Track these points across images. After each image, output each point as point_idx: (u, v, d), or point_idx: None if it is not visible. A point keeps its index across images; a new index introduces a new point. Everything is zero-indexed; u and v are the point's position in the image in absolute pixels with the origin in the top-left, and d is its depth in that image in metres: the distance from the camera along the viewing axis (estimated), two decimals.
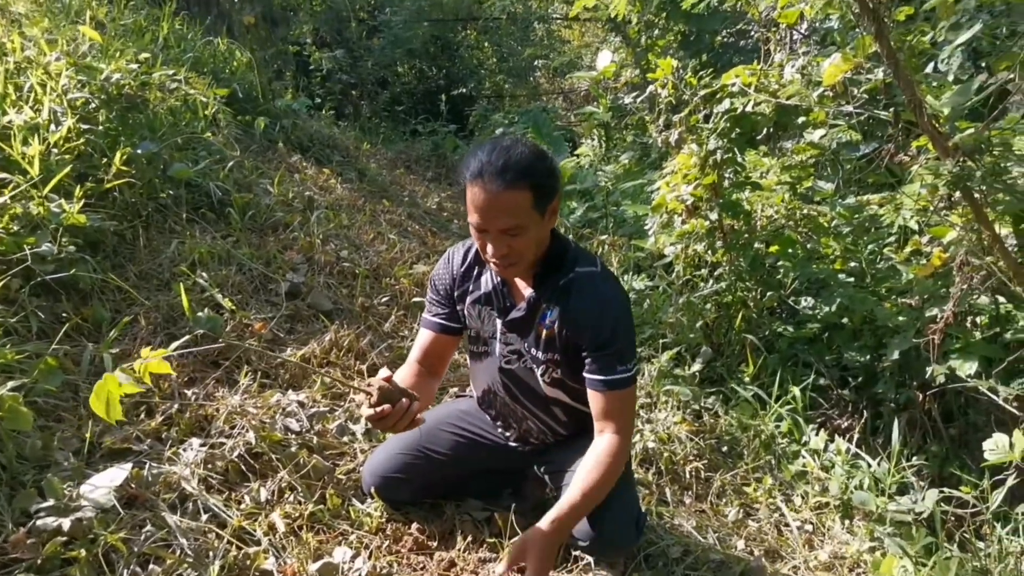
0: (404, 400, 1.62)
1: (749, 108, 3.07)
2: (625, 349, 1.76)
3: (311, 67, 8.38)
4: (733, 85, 3.10)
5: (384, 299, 3.29)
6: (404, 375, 1.87)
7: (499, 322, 1.89)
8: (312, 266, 3.24)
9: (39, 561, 1.48)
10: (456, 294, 1.93)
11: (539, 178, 1.63)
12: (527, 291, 1.83)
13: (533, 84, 11.25)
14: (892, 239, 3.43)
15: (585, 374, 1.79)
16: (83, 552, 1.50)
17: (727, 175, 3.27)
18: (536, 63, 10.95)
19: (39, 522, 1.53)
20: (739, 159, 3.22)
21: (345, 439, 2.27)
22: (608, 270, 1.86)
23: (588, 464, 1.75)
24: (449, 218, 5.62)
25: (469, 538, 1.96)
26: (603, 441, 1.77)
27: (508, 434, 2.07)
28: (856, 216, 3.43)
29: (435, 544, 1.96)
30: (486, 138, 8.10)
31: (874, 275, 3.33)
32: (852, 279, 3.31)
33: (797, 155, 3.54)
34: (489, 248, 1.69)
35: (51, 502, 1.58)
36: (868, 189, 3.91)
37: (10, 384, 1.74)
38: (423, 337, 1.97)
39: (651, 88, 3.62)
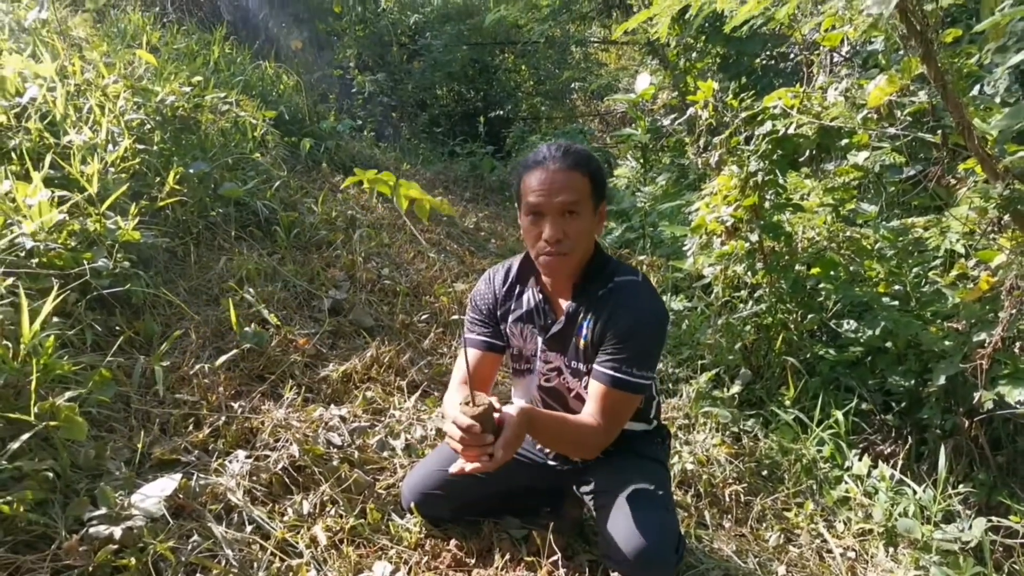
0: (490, 435, 1.58)
1: (791, 130, 3.06)
2: (643, 357, 1.73)
3: (353, 90, 8.58)
4: (775, 107, 3.09)
5: (424, 316, 3.33)
6: (452, 400, 1.83)
7: (540, 340, 1.91)
8: (354, 283, 3.30)
9: (91, 568, 1.52)
10: (499, 313, 1.95)
11: (595, 170, 1.72)
12: (566, 304, 1.85)
13: (570, 106, 11.33)
14: (938, 262, 3.37)
15: (595, 364, 1.77)
16: (133, 560, 1.54)
17: (768, 196, 3.25)
18: (573, 85, 11.04)
19: (92, 530, 1.58)
20: (780, 180, 3.20)
21: (385, 454, 2.29)
22: (649, 282, 1.85)
23: (573, 417, 1.76)
24: (487, 238, 5.67)
25: (507, 556, 1.96)
26: (586, 420, 1.75)
27: (548, 452, 2.08)
28: (900, 239, 3.38)
29: (473, 561, 1.96)
30: (522, 157, 8.19)
31: (919, 299, 3.26)
32: (896, 302, 3.25)
33: (840, 177, 3.51)
34: (546, 231, 1.69)
35: (103, 510, 1.63)
36: (912, 212, 3.85)
37: (67, 395, 1.80)
38: (470, 359, 1.92)
39: (691, 110, 3.63)
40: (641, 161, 5.95)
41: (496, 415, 1.58)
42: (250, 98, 4.63)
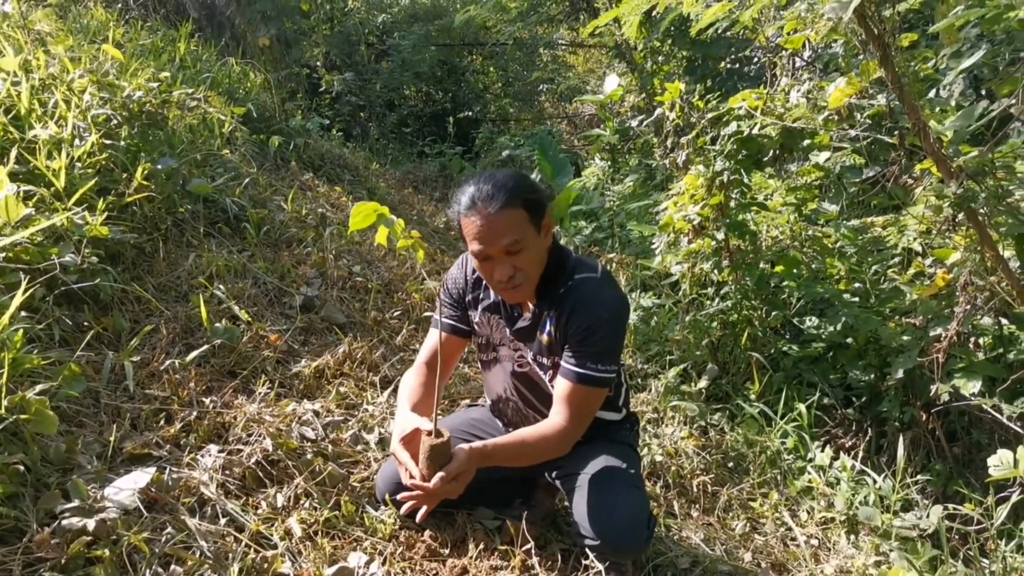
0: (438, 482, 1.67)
1: (755, 131, 3.14)
2: (605, 352, 1.78)
3: (321, 89, 8.52)
4: (740, 108, 3.17)
5: (396, 313, 3.34)
6: (413, 381, 1.94)
7: (507, 330, 1.96)
8: (325, 280, 3.30)
9: (63, 560, 1.51)
10: (468, 299, 2.00)
11: (528, 194, 1.72)
12: (531, 304, 1.90)
13: (538, 108, 11.39)
14: (896, 260, 3.49)
15: (561, 361, 1.83)
16: (107, 552, 1.54)
17: (733, 196, 3.33)
18: (541, 87, 11.10)
19: (64, 522, 1.57)
20: (745, 180, 3.29)
21: (359, 448, 2.30)
22: (609, 275, 1.90)
23: (532, 429, 1.82)
24: (457, 237, 5.69)
25: (481, 546, 1.98)
26: (549, 423, 1.81)
27: None
28: (860, 237, 3.49)
29: (447, 551, 1.98)
30: (492, 159, 8.21)
31: (878, 295, 3.37)
32: (856, 299, 3.35)
33: (802, 177, 3.60)
34: (496, 273, 1.76)
35: (76, 503, 1.62)
36: (872, 211, 3.98)
37: (36, 388, 1.78)
38: (432, 337, 2.02)
39: (659, 111, 3.70)
40: (609, 161, 6.02)
41: (441, 443, 1.68)
42: (218, 95, 4.58)
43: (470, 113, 9.87)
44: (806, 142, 3.32)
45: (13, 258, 2.15)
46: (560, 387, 1.82)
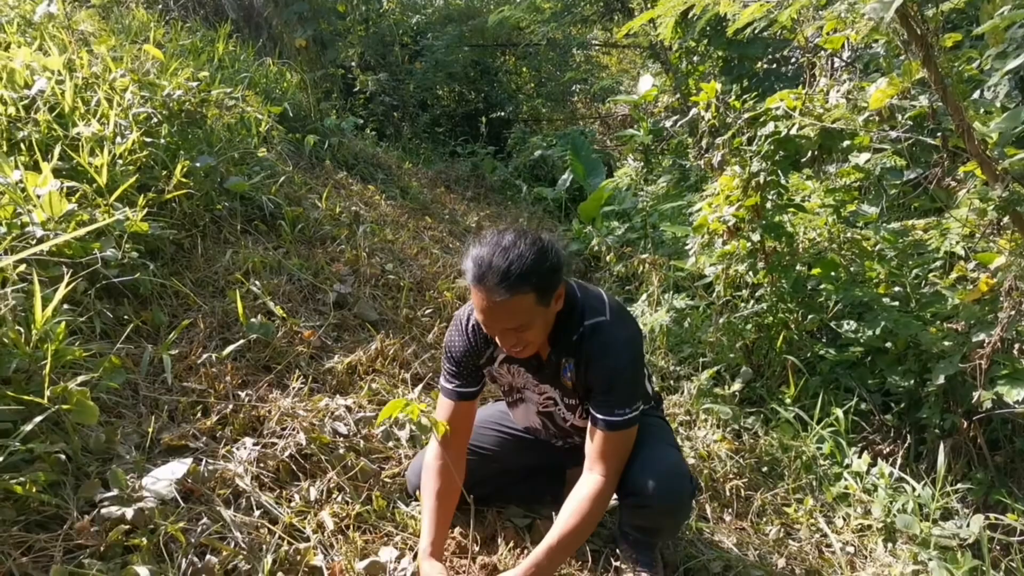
0: None
1: (793, 131, 3.09)
2: (625, 397, 1.76)
3: (356, 89, 8.60)
4: (777, 108, 3.12)
5: (427, 311, 3.35)
6: (432, 483, 1.86)
7: (530, 376, 1.94)
8: (358, 278, 3.32)
9: (102, 548, 1.54)
10: (482, 361, 1.93)
11: (541, 279, 1.62)
12: (546, 349, 1.86)
13: (571, 108, 11.35)
14: (937, 264, 3.40)
15: (589, 408, 1.81)
16: (144, 541, 1.56)
17: (770, 197, 3.28)
18: (574, 88, 11.07)
19: (103, 511, 1.60)
20: (782, 181, 3.23)
21: (391, 444, 2.31)
22: (617, 310, 1.84)
23: (569, 509, 1.75)
24: None
25: (511, 543, 1.98)
26: (588, 485, 1.77)
27: (542, 431, 2.11)
28: (901, 240, 3.41)
29: (477, 548, 1.99)
30: (525, 159, 8.21)
31: (919, 300, 3.30)
32: (896, 303, 3.28)
33: (841, 178, 3.54)
34: (500, 342, 1.75)
35: (115, 492, 1.65)
36: (913, 214, 3.89)
37: (78, 379, 1.82)
38: (445, 408, 1.93)
39: (694, 111, 3.66)
40: (643, 162, 5.98)
41: None
42: (255, 94, 4.65)
43: (503, 113, 9.88)
44: (845, 143, 3.25)
45: (56, 252, 2.20)
46: (593, 439, 1.79)
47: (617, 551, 2.02)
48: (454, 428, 1.92)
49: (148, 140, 2.92)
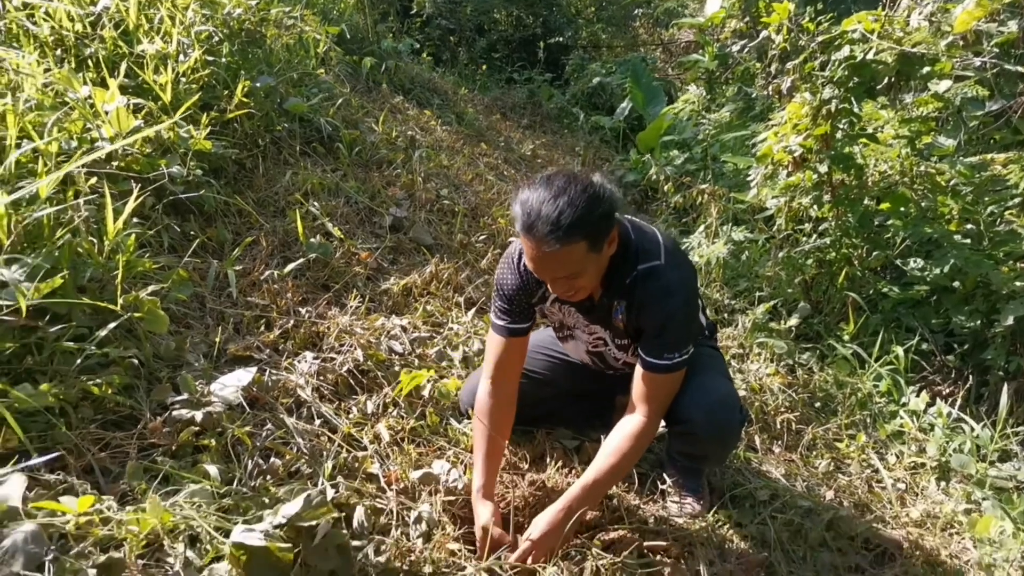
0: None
1: (870, 56, 2.93)
2: (676, 342, 1.72)
3: (412, 12, 8.44)
4: (854, 31, 2.95)
5: (482, 237, 3.36)
6: (484, 424, 1.84)
7: (580, 316, 1.92)
8: (414, 202, 3.34)
9: (174, 447, 1.63)
10: (534, 300, 1.89)
11: (592, 227, 1.55)
12: (598, 291, 1.82)
13: (632, 34, 10.94)
14: (1016, 202, 3.23)
15: (638, 350, 1.79)
16: (213, 442, 1.65)
17: (840, 126, 3.13)
18: (636, 12, 10.63)
19: (174, 413, 1.68)
20: (855, 110, 3.08)
21: (444, 364, 2.36)
22: (672, 251, 1.77)
23: (609, 448, 1.74)
24: (543, 165, 5.63)
25: (559, 463, 2.03)
26: (630, 423, 1.76)
27: (597, 360, 2.12)
28: (977, 175, 3.24)
29: (526, 467, 2.04)
30: (583, 87, 8.00)
31: (992, 238, 3.15)
32: (968, 241, 3.15)
33: (918, 108, 3.35)
34: (552, 288, 1.71)
35: (185, 396, 1.74)
36: (992, 147, 3.68)
37: (149, 289, 1.90)
38: (496, 345, 1.90)
39: (763, 35, 3.49)
40: (706, 89, 5.77)
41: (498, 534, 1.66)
42: (313, 15, 4.61)
43: (561, 39, 9.58)
44: (925, 70, 3.07)
45: (125, 167, 2.26)
46: (640, 379, 1.77)
47: (664, 475, 2.05)
48: (506, 364, 1.90)
49: (210, 59, 2.94)
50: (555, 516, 1.67)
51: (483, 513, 1.71)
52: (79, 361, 1.65)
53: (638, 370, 1.78)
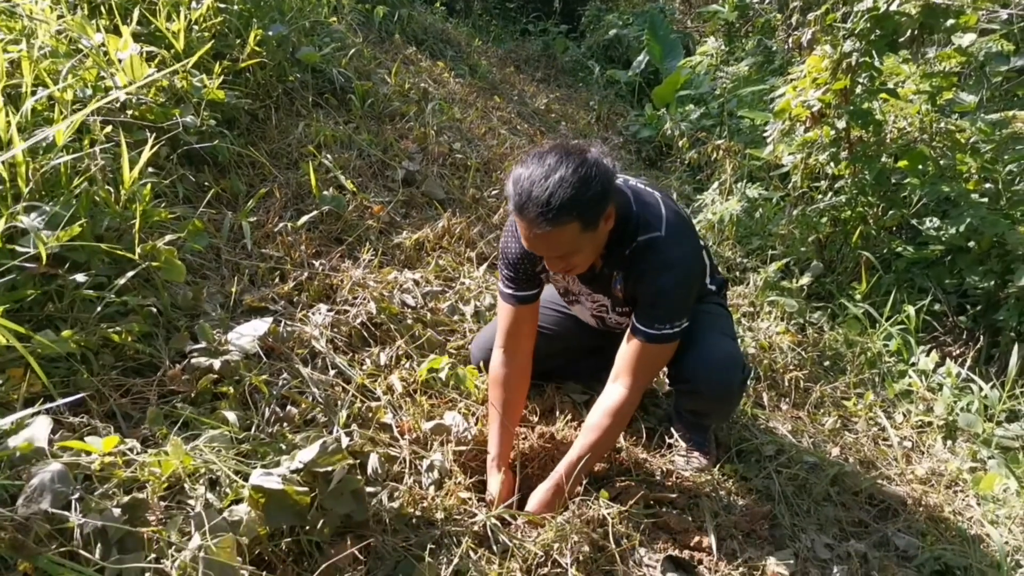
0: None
1: (893, 7, 2.86)
2: (668, 314, 1.71)
3: None
4: None
5: (494, 192, 3.35)
6: (498, 390, 1.86)
7: (583, 285, 1.92)
8: (426, 156, 3.33)
9: (193, 394, 1.67)
10: (538, 268, 1.87)
11: (585, 208, 1.52)
12: (599, 261, 1.81)
13: None
14: None
15: (632, 318, 1.77)
16: (231, 389, 1.69)
17: (861, 80, 3.08)
18: None
19: (193, 361, 1.72)
20: (876, 63, 3.02)
21: (456, 318, 2.39)
22: (673, 228, 1.73)
23: (590, 424, 1.76)
24: (557, 120, 5.57)
25: (568, 416, 2.06)
26: (610, 398, 1.76)
27: (605, 318, 2.13)
28: (998, 132, 3.18)
29: (536, 419, 2.07)
30: (599, 39, 7.85)
31: (1010, 198, 3.12)
32: (985, 200, 3.10)
33: (940, 63, 3.28)
34: (548, 266, 1.71)
35: (203, 345, 1.77)
36: (1015, 104, 3.61)
37: (166, 238, 1.92)
38: (506, 313, 1.89)
39: None
40: (725, 42, 5.65)
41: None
42: None
43: None
44: (950, 22, 3.00)
45: (139, 116, 2.26)
46: (627, 347, 1.76)
47: (672, 430, 2.08)
48: (517, 331, 1.90)
49: (222, 6, 2.91)
50: (545, 495, 1.71)
51: (494, 484, 1.75)
52: (99, 309, 1.68)
53: (628, 335, 1.77)
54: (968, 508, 2.16)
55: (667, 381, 2.07)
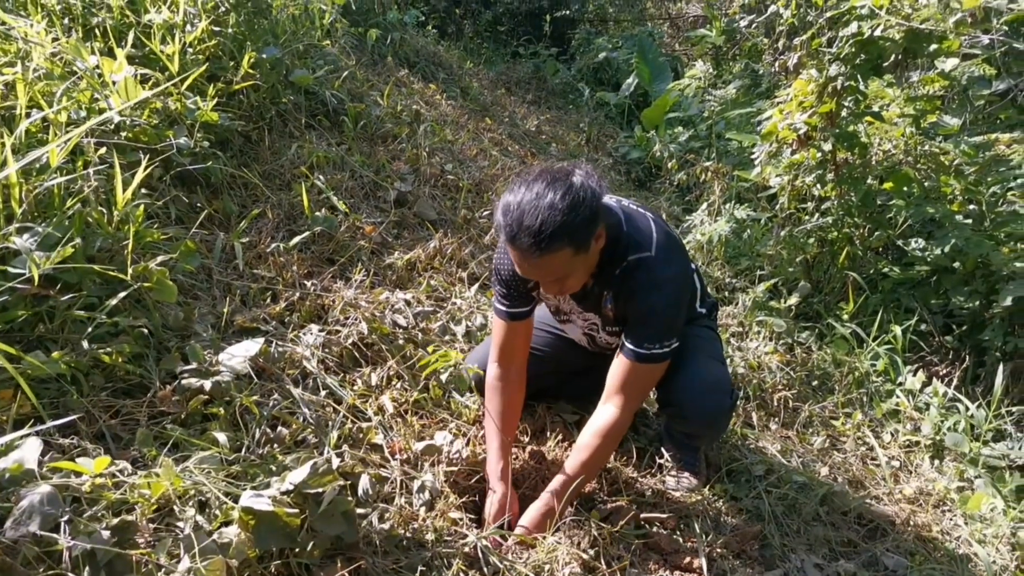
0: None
1: (878, 32, 2.92)
2: (657, 335, 1.72)
3: None
4: (863, 7, 2.93)
5: (485, 213, 3.37)
6: (496, 401, 1.89)
7: (575, 303, 1.94)
8: (418, 177, 3.35)
9: (183, 415, 1.67)
10: (530, 285, 1.89)
11: (575, 233, 1.53)
12: (590, 281, 1.82)
13: (639, 8, 10.83)
14: (1019, 182, 3.24)
15: (622, 338, 1.78)
16: (221, 410, 1.69)
17: (846, 104, 3.13)
18: None
19: (183, 382, 1.72)
20: (861, 87, 3.07)
21: (447, 338, 2.40)
22: (663, 249, 1.75)
23: (581, 444, 1.77)
24: (548, 141, 5.62)
25: (559, 436, 2.07)
26: (602, 418, 1.77)
27: (596, 339, 2.15)
28: (981, 155, 3.24)
29: (527, 439, 2.08)
30: (588, 61, 7.94)
31: (994, 219, 3.16)
32: (969, 221, 3.15)
33: (924, 86, 3.34)
34: (542, 288, 1.76)
35: (193, 366, 1.77)
36: (998, 127, 3.68)
37: (157, 259, 1.92)
38: (500, 329, 1.92)
39: (772, 8, 3.47)
40: (713, 65, 5.73)
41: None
42: None
43: (567, 12, 9.49)
44: (933, 47, 3.06)
45: (133, 138, 2.27)
46: (618, 366, 1.77)
47: (662, 450, 2.09)
48: (510, 347, 1.92)
49: (216, 29, 2.93)
50: (536, 516, 1.72)
51: (496, 497, 1.76)
52: (90, 330, 1.68)
53: (618, 355, 1.78)
54: (956, 527, 2.18)
55: (656, 404, 2.08)
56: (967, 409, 2.64)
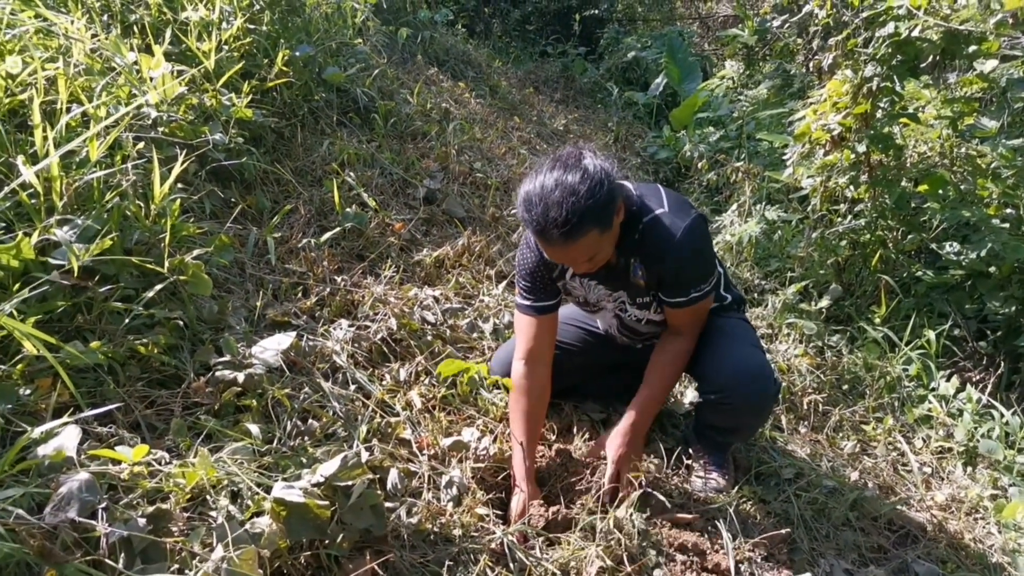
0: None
1: (915, 33, 2.87)
2: (701, 275, 1.82)
3: None
4: (900, 7, 2.88)
5: (514, 211, 3.37)
6: (521, 403, 1.89)
7: (602, 287, 1.94)
8: (447, 174, 3.36)
9: (217, 407, 1.70)
10: (555, 275, 1.92)
11: (599, 213, 1.59)
12: (613, 255, 1.83)
13: (669, 8, 10.75)
14: None
15: (661, 295, 1.85)
16: (254, 402, 1.71)
17: (882, 105, 3.08)
18: None
19: (217, 374, 1.74)
20: (897, 88, 3.02)
21: (475, 335, 2.41)
22: (674, 203, 1.80)
23: (655, 365, 1.91)
24: (576, 140, 5.61)
25: (586, 435, 2.06)
26: (671, 343, 1.92)
27: (626, 334, 2.14)
28: (1019, 158, 3.16)
29: (553, 437, 2.08)
30: (617, 61, 7.90)
31: None
32: (1006, 225, 3.08)
33: (962, 88, 3.28)
34: (573, 269, 1.83)
35: (227, 358, 1.80)
36: None
37: (193, 253, 1.95)
38: (525, 326, 1.93)
39: (806, 8, 3.43)
40: (744, 65, 5.68)
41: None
42: None
43: (596, 11, 9.45)
44: (971, 48, 2.99)
45: (169, 133, 2.31)
46: (672, 316, 1.89)
47: (690, 451, 2.08)
48: (536, 343, 1.92)
49: (251, 27, 2.97)
50: (624, 436, 1.84)
51: (522, 497, 1.77)
52: (127, 321, 1.71)
53: (669, 312, 1.88)
54: (989, 536, 2.14)
55: (696, 391, 2.08)
56: (1001, 416, 2.58)
